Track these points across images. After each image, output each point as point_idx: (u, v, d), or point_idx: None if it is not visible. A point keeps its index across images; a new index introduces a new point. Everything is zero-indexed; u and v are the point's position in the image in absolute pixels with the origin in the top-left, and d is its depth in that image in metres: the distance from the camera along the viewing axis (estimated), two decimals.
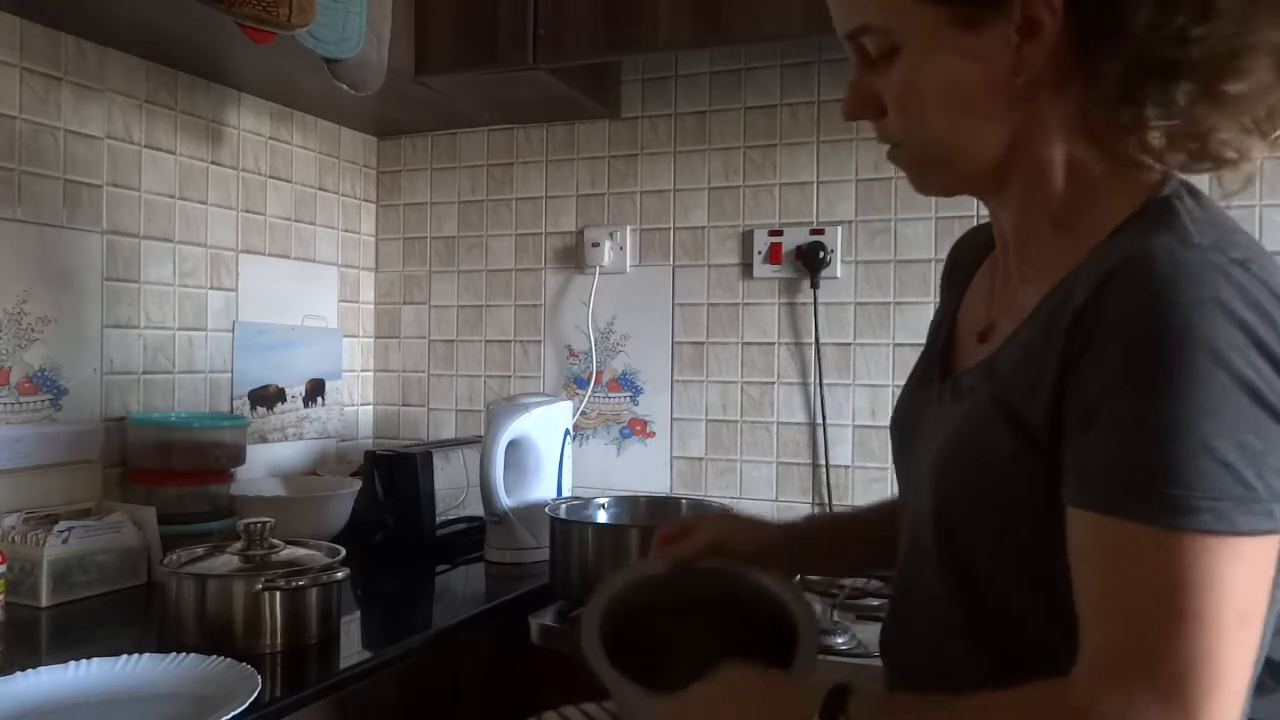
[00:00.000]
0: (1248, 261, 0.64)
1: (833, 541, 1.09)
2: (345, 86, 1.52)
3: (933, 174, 0.82)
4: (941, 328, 0.92)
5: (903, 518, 0.89)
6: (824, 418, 1.84)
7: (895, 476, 0.95)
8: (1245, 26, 0.68)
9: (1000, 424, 0.72)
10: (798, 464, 1.88)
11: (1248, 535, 0.61)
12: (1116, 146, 0.73)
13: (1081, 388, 0.66)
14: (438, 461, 1.77)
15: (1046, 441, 0.69)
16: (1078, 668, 0.63)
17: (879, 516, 1.06)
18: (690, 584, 0.98)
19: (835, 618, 1.40)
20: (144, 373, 1.67)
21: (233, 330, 1.85)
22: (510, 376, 2.12)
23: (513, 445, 1.65)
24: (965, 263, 0.96)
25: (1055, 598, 0.67)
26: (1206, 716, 0.59)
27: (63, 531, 1.33)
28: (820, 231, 1.84)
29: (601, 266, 2.00)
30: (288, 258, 1.99)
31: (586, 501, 1.63)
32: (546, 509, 1.57)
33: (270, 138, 1.94)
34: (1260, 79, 0.69)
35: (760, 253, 1.88)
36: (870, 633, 1.31)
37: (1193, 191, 0.73)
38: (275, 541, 1.24)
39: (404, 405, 2.22)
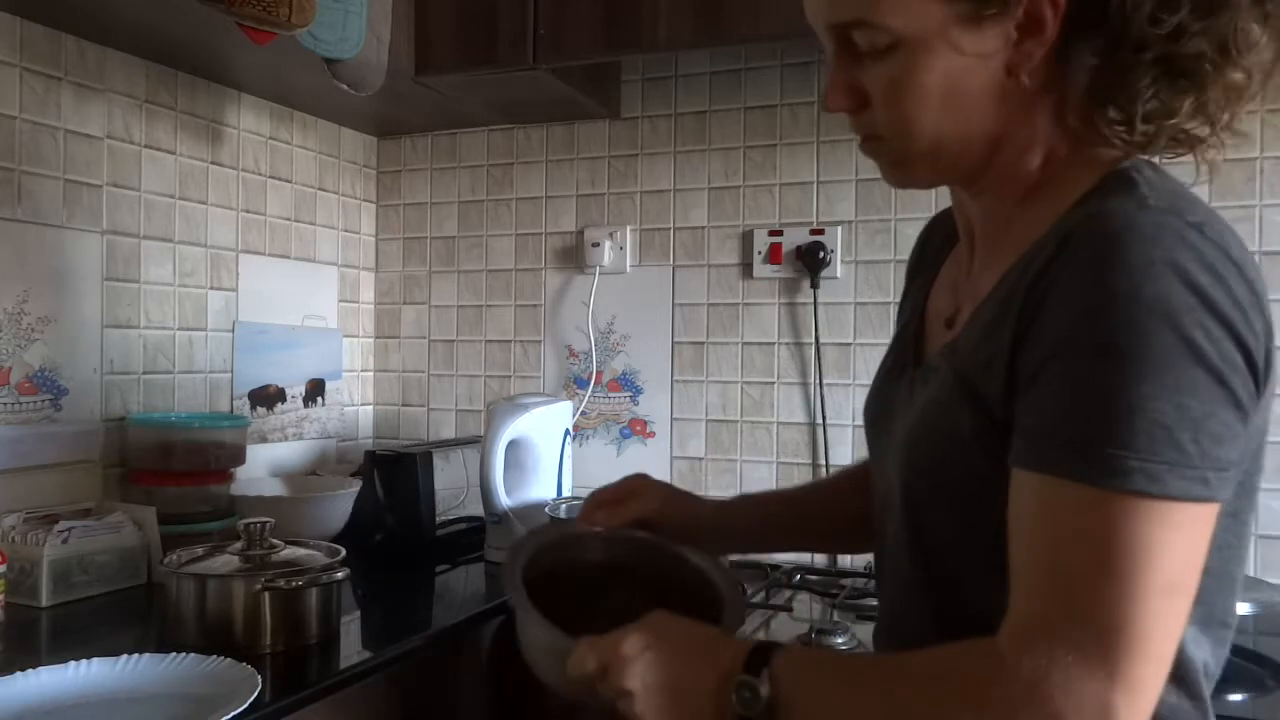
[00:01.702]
0: (1203, 225, 0.64)
1: (765, 521, 1.08)
2: (345, 86, 1.52)
3: (915, 167, 0.80)
4: (912, 317, 0.91)
5: (876, 507, 0.88)
6: (824, 418, 1.84)
7: (870, 467, 0.93)
8: (1235, 11, 0.68)
9: (962, 403, 0.72)
10: (798, 464, 1.88)
11: (1180, 500, 0.60)
12: (1100, 137, 0.72)
13: (1031, 350, 0.66)
14: (438, 461, 1.77)
15: (1002, 415, 0.68)
16: (1004, 625, 0.63)
17: (823, 495, 1.08)
18: (618, 551, 0.97)
19: (835, 618, 1.40)
20: (144, 373, 1.67)
21: (233, 330, 1.85)
22: (510, 376, 2.12)
23: (513, 445, 1.65)
24: (935, 247, 0.95)
25: None
26: (1128, 679, 0.59)
27: (63, 531, 1.33)
28: (820, 231, 1.84)
29: (601, 266, 2.00)
30: (288, 258, 1.99)
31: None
32: (546, 509, 1.57)
33: (270, 138, 1.94)
34: (1261, 56, 0.69)
35: (760, 253, 1.88)
36: (870, 633, 1.31)
37: (1151, 165, 0.73)
38: (275, 541, 1.24)
39: (404, 405, 2.23)
